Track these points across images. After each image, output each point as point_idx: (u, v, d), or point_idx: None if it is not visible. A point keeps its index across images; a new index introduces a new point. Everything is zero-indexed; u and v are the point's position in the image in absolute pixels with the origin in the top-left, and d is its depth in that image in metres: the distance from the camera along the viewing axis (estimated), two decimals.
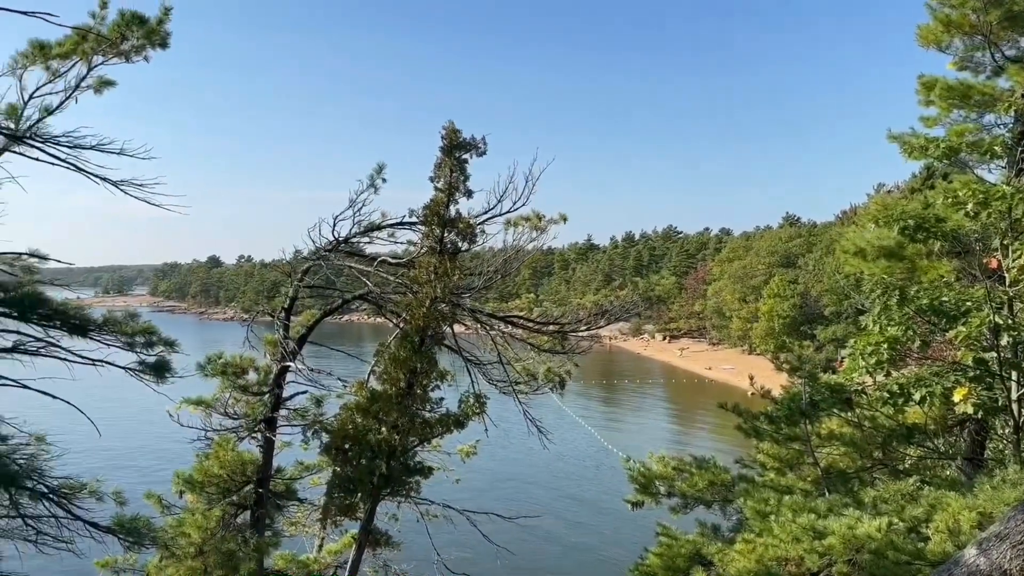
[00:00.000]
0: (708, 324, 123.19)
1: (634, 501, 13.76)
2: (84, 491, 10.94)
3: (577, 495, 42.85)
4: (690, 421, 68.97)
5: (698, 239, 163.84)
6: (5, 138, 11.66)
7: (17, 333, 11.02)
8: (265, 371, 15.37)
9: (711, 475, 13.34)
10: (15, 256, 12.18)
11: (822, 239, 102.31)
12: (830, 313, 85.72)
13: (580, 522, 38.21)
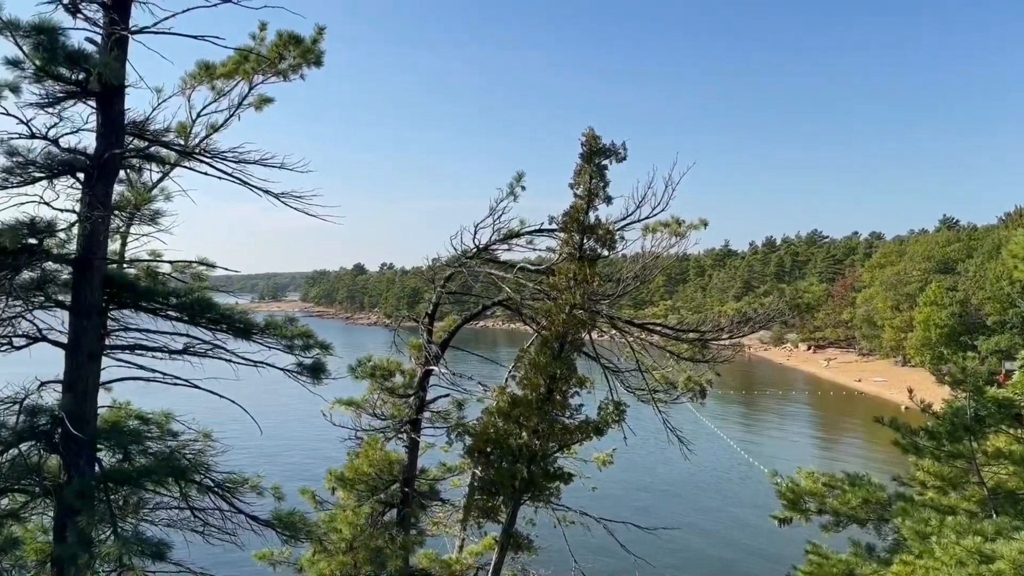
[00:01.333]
0: (857, 334, 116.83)
1: (782, 517, 13.24)
2: (246, 486, 11.63)
3: (717, 508, 41.64)
4: (837, 435, 65.58)
5: (846, 244, 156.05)
6: (177, 154, 12.57)
7: (187, 336, 11.83)
8: (410, 374, 15.88)
9: (865, 492, 12.65)
10: (186, 264, 13.16)
11: (984, 243, 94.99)
12: (993, 323, 79.31)
13: (720, 536, 37.10)
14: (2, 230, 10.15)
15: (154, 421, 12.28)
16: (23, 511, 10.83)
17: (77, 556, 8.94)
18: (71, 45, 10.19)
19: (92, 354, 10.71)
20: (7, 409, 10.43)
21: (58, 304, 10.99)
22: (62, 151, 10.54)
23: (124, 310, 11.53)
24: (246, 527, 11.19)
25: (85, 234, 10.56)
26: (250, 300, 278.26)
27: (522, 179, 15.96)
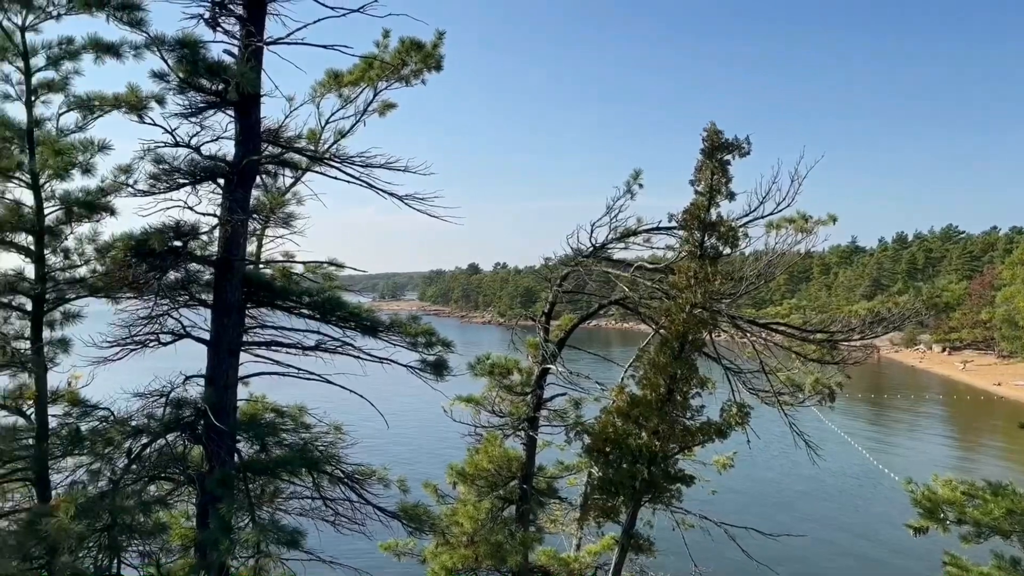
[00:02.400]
0: (996, 335, 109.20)
1: (917, 527, 12.54)
2: (373, 478, 12.03)
3: (845, 516, 39.86)
4: (975, 442, 61.53)
5: (984, 239, 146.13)
6: (308, 159, 13.13)
7: (318, 333, 12.34)
8: (527, 372, 16.00)
9: (1010, 502, 11.84)
10: (317, 264, 13.73)
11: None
12: None
13: (848, 545, 35.51)
14: (151, 233, 10.90)
15: (288, 414, 12.89)
16: (169, 498, 11.58)
17: (219, 542, 9.46)
18: (211, 57, 10.84)
19: (232, 350, 11.33)
20: (155, 401, 11.19)
21: (201, 303, 11.69)
22: (204, 158, 11.20)
23: (261, 308, 12.14)
24: (374, 518, 11.56)
25: (225, 236, 11.18)
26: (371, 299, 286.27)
27: (639, 177, 15.80)
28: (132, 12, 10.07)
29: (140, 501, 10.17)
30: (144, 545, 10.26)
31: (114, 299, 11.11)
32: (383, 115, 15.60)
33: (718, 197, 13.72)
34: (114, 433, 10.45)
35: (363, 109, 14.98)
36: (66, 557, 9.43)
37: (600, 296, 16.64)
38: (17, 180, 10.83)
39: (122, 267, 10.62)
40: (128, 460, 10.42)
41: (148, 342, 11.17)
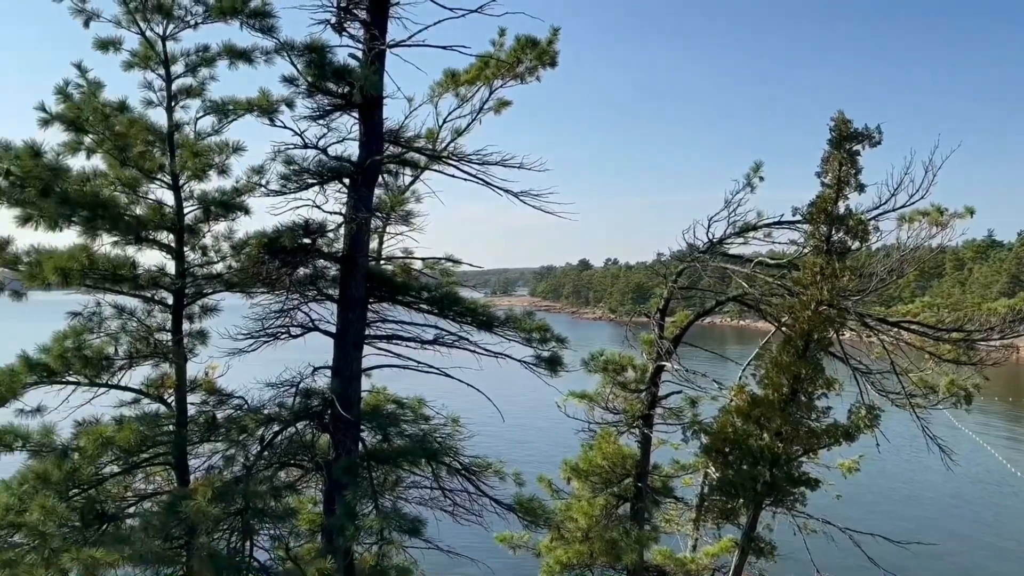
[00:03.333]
0: None
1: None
2: (489, 470, 12.20)
3: (981, 524, 37.45)
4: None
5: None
6: (427, 158, 13.40)
7: (436, 328, 12.60)
8: (642, 369, 15.80)
9: None
10: (435, 261, 14.01)
11: None
12: None
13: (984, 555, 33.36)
14: (282, 231, 11.42)
15: (408, 405, 13.22)
16: (298, 484, 12.11)
17: (344, 527, 9.82)
18: (337, 61, 11.23)
19: (357, 343, 11.73)
20: (285, 391, 11.72)
21: (327, 297, 12.16)
22: (331, 159, 11.63)
23: (383, 303, 12.51)
24: (490, 509, 11.73)
25: (350, 234, 11.59)
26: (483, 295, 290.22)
27: (760, 169, 15.31)
28: (263, 19, 10.55)
29: (271, 486, 10.67)
30: (274, 529, 10.75)
31: (248, 294, 11.68)
32: (498, 113, 15.74)
33: (846, 189, 13.13)
34: (248, 421, 11.00)
35: (479, 107, 15.16)
36: (203, 538, 10.02)
37: (716, 292, 16.25)
38: (159, 181, 11.51)
39: (256, 263, 11.16)
40: (260, 447, 10.96)
41: (279, 334, 11.71)
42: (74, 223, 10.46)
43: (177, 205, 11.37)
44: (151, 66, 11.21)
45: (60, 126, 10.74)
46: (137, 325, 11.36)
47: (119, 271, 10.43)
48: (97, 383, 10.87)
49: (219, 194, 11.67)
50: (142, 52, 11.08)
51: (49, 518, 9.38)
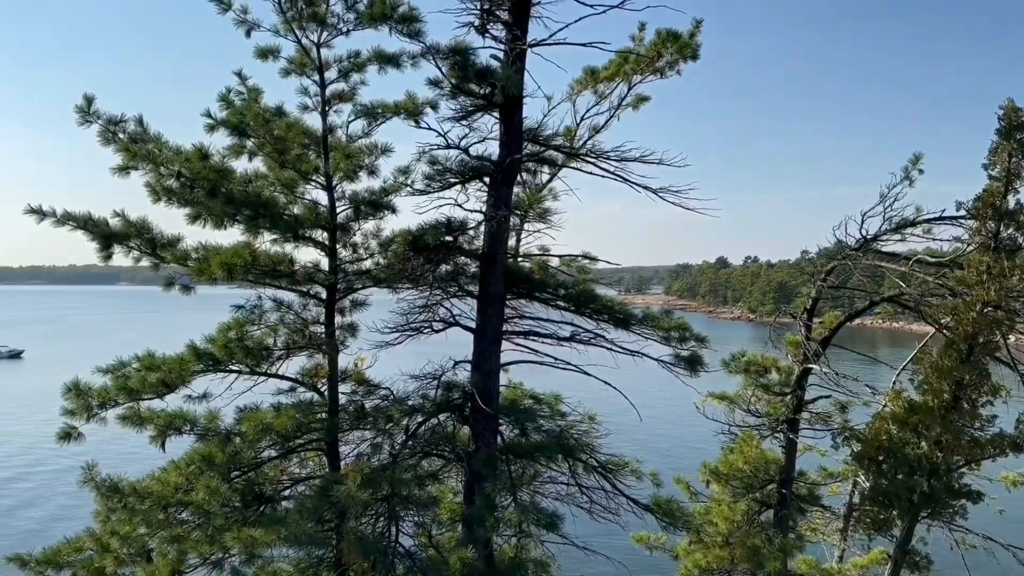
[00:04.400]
0: None
1: None
2: (626, 469, 12.11)
3: None
4: None
5: None
6: (565, 156, 13.44)
7: (572, 325, 12.62)
8: (787, 372, 15.24)
9: None
10: (571, 258, 14.04)
11: None
12: None
13: None
14: (426, 229, 11.78)
15: (545, 401, 13.34)
16: (440, 473, 12.47)
17: (484, 518, 10.03)
18: (480, 63, 11.45)
19: (495, 338, 11.94)
20: (428, 384, 12.08)
21: (468, 293, 12.44)
22: (472, 159, 11.88)
23: (521, 300, 12.66)
24: (627, 509, 11.64)
25: (490, 232, 11.79)
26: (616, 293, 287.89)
27: (919, 161, 14.41)
28: (411, 24, 10.89)
29: (415, 475, 11.05)
30: (418, 516, 11.13)
31: (394, 289, 12.11)
32: (636, 109, 15.59)
33: (1016, 182, 12.15)
34: (393, 411, 11.43)
35: (617, 104, 15.09)
36: (353, 522, 10.49)
37: (869, 292, 15.42)
38: (314, 182, 12.12)
39: (401, 260, 11.56)
40: (405, 437, 11.37)
41: (422, 329, 12.09)
42: (238, 221, 11.19)
43: (330, 205, 11.94)
44: (307, 72, 11.81)
45: (224, 131, 11.52)
46: (294, 318, 12.04)
47: (278, 267, 11.07)
48: (257, 372, 11.60)
49: (368, 194, 12.17)
50: (298, 59, 11.71)
51: (213, 498, 10.10)
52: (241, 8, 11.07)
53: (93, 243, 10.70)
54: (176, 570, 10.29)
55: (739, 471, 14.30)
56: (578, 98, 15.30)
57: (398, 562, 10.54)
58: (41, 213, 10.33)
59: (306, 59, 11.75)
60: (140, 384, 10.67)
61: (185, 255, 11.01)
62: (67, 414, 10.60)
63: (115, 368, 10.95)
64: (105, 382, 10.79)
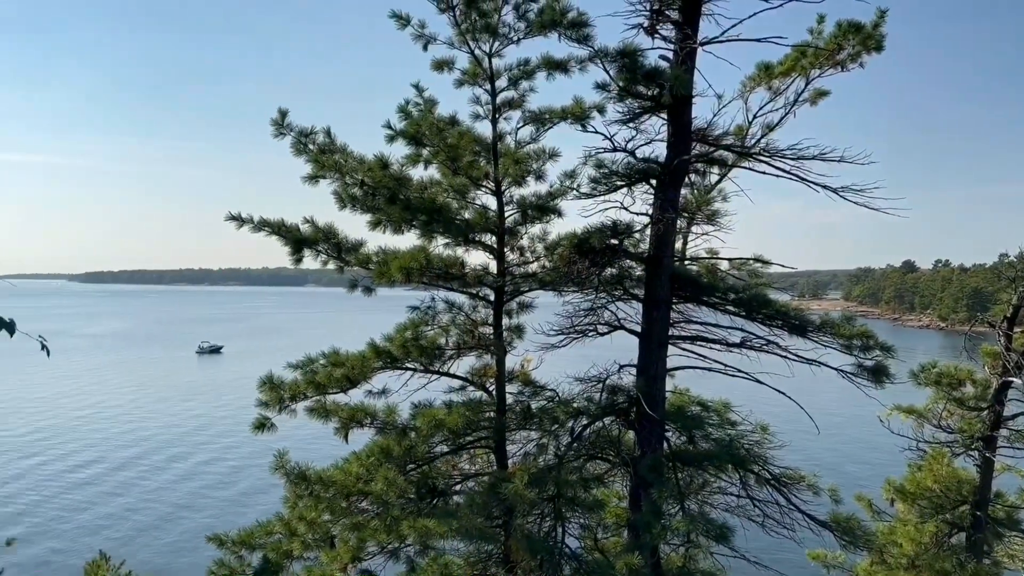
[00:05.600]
0: None
1: None
2: (802, 483, 11.59)
3: None
4: None
5: None
6: (736, 156, 13.05)
7: (743, 331, 12.22)
8: (983, 385, 14.03)
9: None
10: (742, 261, 13.61)
11: None
12: None
13: None
14: (591, 232, 11.82)
15: (714, 409, 13.01)
16: (605, 477, 12.47)
17: (651, 525, 9.92)
18: (648, 64, 11.36)
19: (661, 342, 11.79)
20: (593, 387, 12.11)
21: (633, 297, 12.36)
22: (639, 161, 11.80)
23: (688, 304, 12.42)
24: (802, 524, 11.14)
25: (656, 234, 11.67)
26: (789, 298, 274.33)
27: None
28: (580, 29, 11.00)
29: (580, 477, 11.12)
30: (583, 518, 11.19)
31: (560, 292, 12.26)
32: (814, 104, 14.93)
33: None
34: (559, 412, 11.56)
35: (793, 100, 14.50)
36: (520, 519, 10.70)
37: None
38: (484, 187, 12.50)
39: (567, 263, 11.68)
40: (570, 438, 11.46)
41: (587, 331, 12.13)
42: (414, 227, 11.76)
43: (499, 209, 12.27)
44: (478, 82, 12.21)
45: (402, 141, 12.12)
46: (464, 319, 12.47)
47: (450, 270, 11.51)
48: (431, 370, 12.12)
49: (536, 198, 12.39)
50: (471, 70, 12.12)
51: (391, 489, 10.64)
52: (419, 23, 11.61)
53: (285, 247, 11.61)
54: (356, 557, 10.92)
55: (928, 490, 13.29)
56: (751, 95, 14.84)
57: (564, 563, 10.64)
58: (240, 219, 11.33)
59: (478, 69, 12.13)
60: (326, 379, 11.44)
61: (367, 258, 11.69)
62: (261, 405, 11.55)
63: (304, 364, 11.81)
64: (295, 377, 11.66)
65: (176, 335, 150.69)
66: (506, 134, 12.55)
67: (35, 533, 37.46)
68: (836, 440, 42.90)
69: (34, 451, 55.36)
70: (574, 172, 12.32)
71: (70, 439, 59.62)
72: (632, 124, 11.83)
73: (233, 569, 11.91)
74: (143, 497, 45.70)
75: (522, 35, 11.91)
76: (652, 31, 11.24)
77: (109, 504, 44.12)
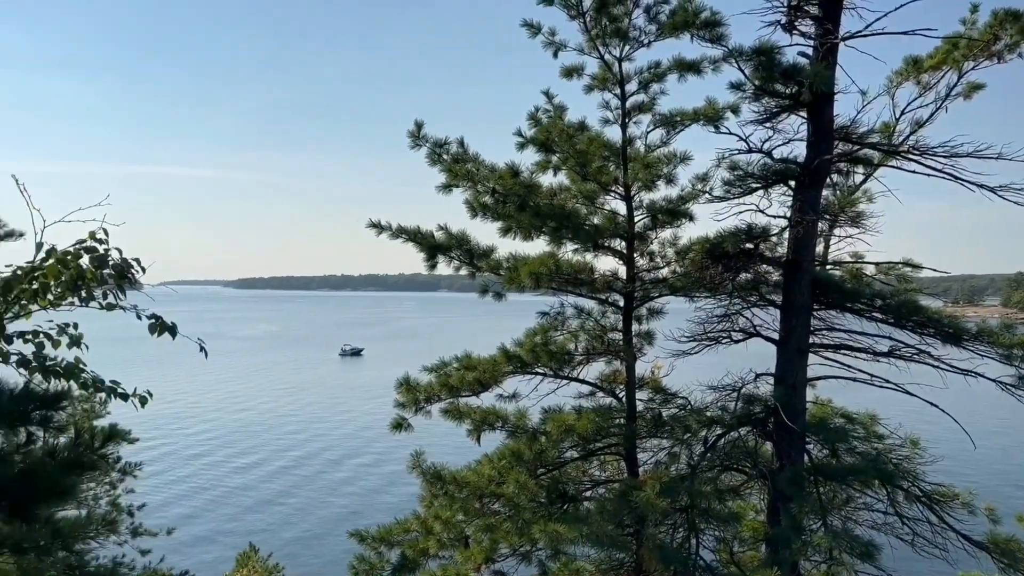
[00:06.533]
0: None
1: None
2: (956, 501, 10.86)
3: None
4: None
5: None
6: (881, 154, 12.40)
7: (891, 339, 11.56)
8: None
9: None
10: (890, 265, 12.90)
11: None
12: None
13: None
14: (725, 236, 11.52)
15: (859, 421, 12.39)
16: (742, 489, 12.10)
17: (790, 540, 9.55)
18: (786, 61, 10.98)
19: (801, 350, 11.33)
20: (727, 395, 11.78)
21: (770, 303, 11.95)
22: (776, 162, 11.41)
23: (830, 310, 11.89)
24: (956, 545, 10.44)
25: (795, 238, 11.24)
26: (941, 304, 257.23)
27: None
28: (714, 29, 10.78)
29: (715, 488, 10.83)
30: (719, 530, 10.89)
31: (691, 298, 12.03)
32: (968, 98, 14.10)
33: None
34: (691, 421, 11.32)
35: (945, 94, 13.73)
36: (652, 529, 10.56)
37: None
38: (613, 192, 12.45)
39: (699, 268, 11.45)
40: (704, 448, 11.19)
41: (721, 339, 11.83)
42: (543, 233, 11.87)
43: (628, 214, 12.19)
44: (608, 87, 12.18)
45: (533, 148, 12.26)
46: (593, 325, 12.45)
47: (579, 275, 11.54)
48: (560, 375, 12.17)
49: (666, 202, 12.23)
50: (600, 75, 12.11)
51: (522, 492, 10.76)
52: (549, 31, 11.71)
53: (420, 253, 12.00)
54: (489, 557, 11.10)
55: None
56: (897, 91, 14.13)
57: (699, 575, 10.40)
58: (379, 227, 11.80)
59: (608, 74, 12.10)
60: (459, 382, 11.72)
61: (498, 264, 11.89)
62: (399, 406, 11.97)
63: (438, 367, 12.16)
64: (430, 379, 12.01)
65: (321, 338, 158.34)
66: (636, 138, 12.46)
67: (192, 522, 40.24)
68: (993, 457, 39.86)
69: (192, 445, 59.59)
70: (706, 175, 12.10)
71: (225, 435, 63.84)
72: (769, 124, 11.46)
73: (373, 564, 12.38)
74: (288, 489, 48.33)
75: (653, 38, 11.80)
76: (790, 27, 10.86)
77: (257, 496, 46.90)
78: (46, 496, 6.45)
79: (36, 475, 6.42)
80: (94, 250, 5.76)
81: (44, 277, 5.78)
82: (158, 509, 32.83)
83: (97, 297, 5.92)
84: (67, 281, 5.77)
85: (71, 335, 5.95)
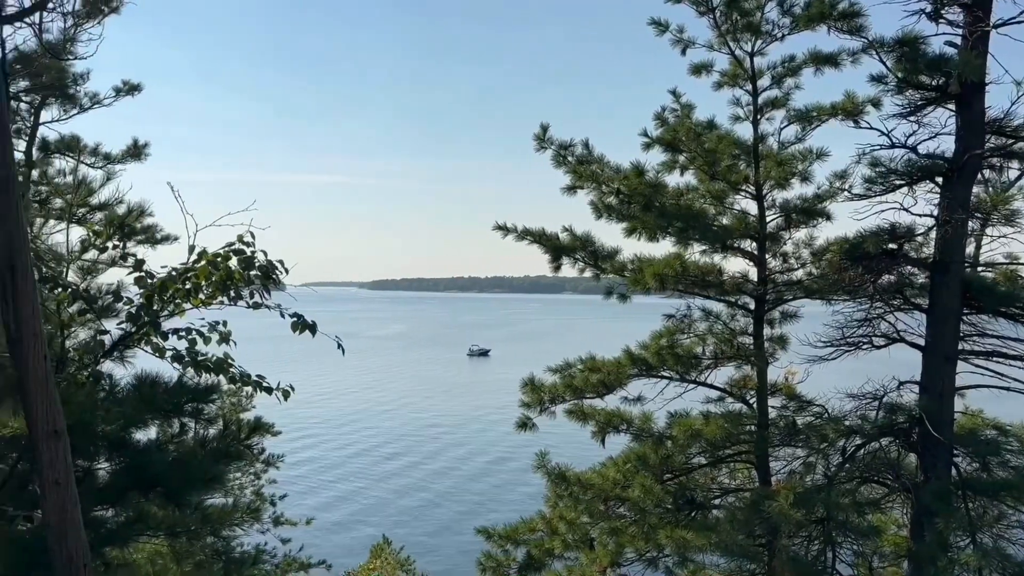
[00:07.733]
0: None
1: None
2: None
3: None
4: None
5: None
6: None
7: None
8: None
9: None
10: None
11: None
12: None
13: None
14: (865, 236, 10.98)
15: (1013, 433, 11.50)
16: (882, 502, 11.48)
17: (936, 557, 9.01)
18: (931, 52, 10.35)
19: (949, 357, 10.65)
20: (867, 404, 11.20)
21: (915, 307, 11.28)
22: (920, 157, 10.78)
23: (981, 315, 11.12)
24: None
25: (943, 238, 10.58)
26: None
27: None
28: (852, 20, 10.32)
29: (853, 500, 10.34)
30: (857, 544, 10.37)
31: (828, 301, 11.55)
32: None
33: None
34: (828, 430, 10.84)
35: None
36: (785, 540, 10.19)
37: None
38: (744, 192, 12.12)
39: (837, 270, 10.96)
40: (841, 459, 10.70)
41: (860, 344, 11.26)
42: (669, 234, 11.69)
43: (760, 214, 11.84)
44: (739, 83, 11.89)
45: (659, 148, 12.11)
46: (722, 328, 12.16)
47: (707, 277, 11.30)
48: (687, 379, 11.97)
49: (801, 201, 11.80)
50: (731, 71, 11.83)
51: (647, 496, 10.65)
52: (677, 28, 11.55)
53: (545, 255, 12.08)
54: (614, 561, 11.05)
55: None
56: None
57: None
58: (505, 229, 11.97)
59: (739, 70, 11.81)
60: (583, 383, 11.73)
61: (622, 266, 11.81)
62: (524, 406, 12.11)
63: (562, 368, 12.21)
64: (554, 380, 12.09)
65: (450, 338, 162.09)
66: (768, 135, 12.12)
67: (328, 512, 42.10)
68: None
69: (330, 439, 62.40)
70: (845, 172, 11.61)
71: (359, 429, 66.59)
72: (913, 117, 10.84)
73: (500, 562, 12.57)
74: (417, 483, 49.90)
75: (787, 31, 11.44)
76: (936, 16, 10.22)
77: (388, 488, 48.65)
78: (197, 484, 6.95)
79: (188, 464, 6.93)
80: (242, 252, 6.16)
81: (196, 278, 6.24)
82: (297, 499, 34.59)
83: (244, 296, 6.33)
84: (217, 281, 6.21)
85: (221, 332, 6.39)
